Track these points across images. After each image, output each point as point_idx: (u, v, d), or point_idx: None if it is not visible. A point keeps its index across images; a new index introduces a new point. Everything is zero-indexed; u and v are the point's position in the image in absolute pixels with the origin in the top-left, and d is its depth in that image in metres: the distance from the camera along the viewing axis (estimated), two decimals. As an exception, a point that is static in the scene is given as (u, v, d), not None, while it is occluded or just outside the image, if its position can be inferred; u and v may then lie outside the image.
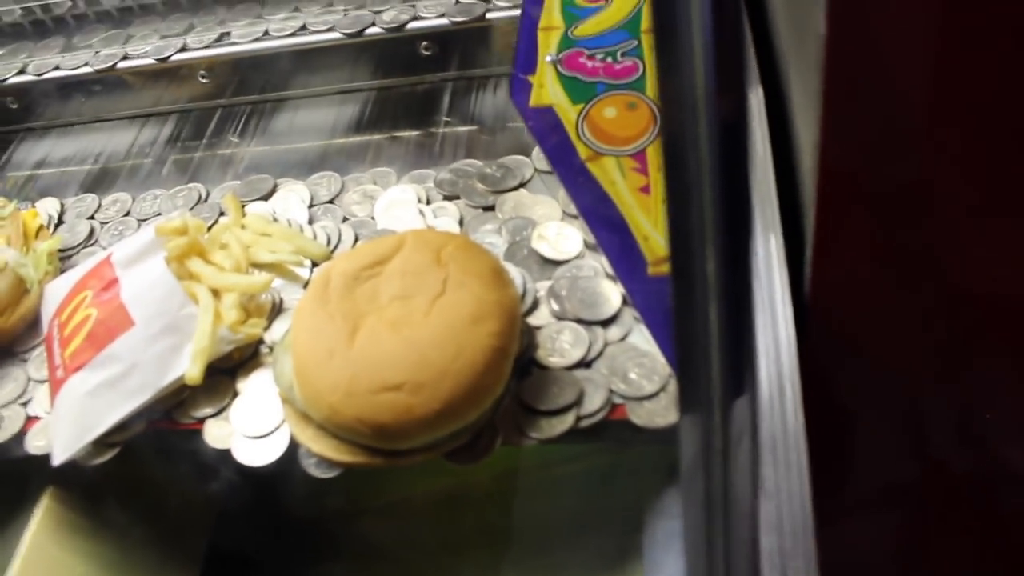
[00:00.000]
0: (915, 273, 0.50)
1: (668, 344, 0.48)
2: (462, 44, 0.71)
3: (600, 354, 0.50)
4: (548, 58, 0.56)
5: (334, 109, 0.73)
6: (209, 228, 0.60)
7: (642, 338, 0.50)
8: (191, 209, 0.66)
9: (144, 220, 0.67)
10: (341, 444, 0.48)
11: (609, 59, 0.55)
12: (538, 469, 0.60)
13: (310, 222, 0.62)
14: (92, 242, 0.67)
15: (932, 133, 0.43)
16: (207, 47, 0.75)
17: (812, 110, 0.43)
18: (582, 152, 0.51)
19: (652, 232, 0.48)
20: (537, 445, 0.49)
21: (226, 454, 0.51)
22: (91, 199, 0.71)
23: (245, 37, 0.74)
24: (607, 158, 0.51)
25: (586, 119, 0.52)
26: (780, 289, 0.48)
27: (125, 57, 0.77)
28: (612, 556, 0.55)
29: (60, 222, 0.70)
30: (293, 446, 0.50)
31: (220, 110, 0.77)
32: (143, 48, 0.77)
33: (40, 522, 0.57)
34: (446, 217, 0.59)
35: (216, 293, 0.54)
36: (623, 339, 0.51)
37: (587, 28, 0.58)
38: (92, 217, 0.69)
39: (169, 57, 0.75)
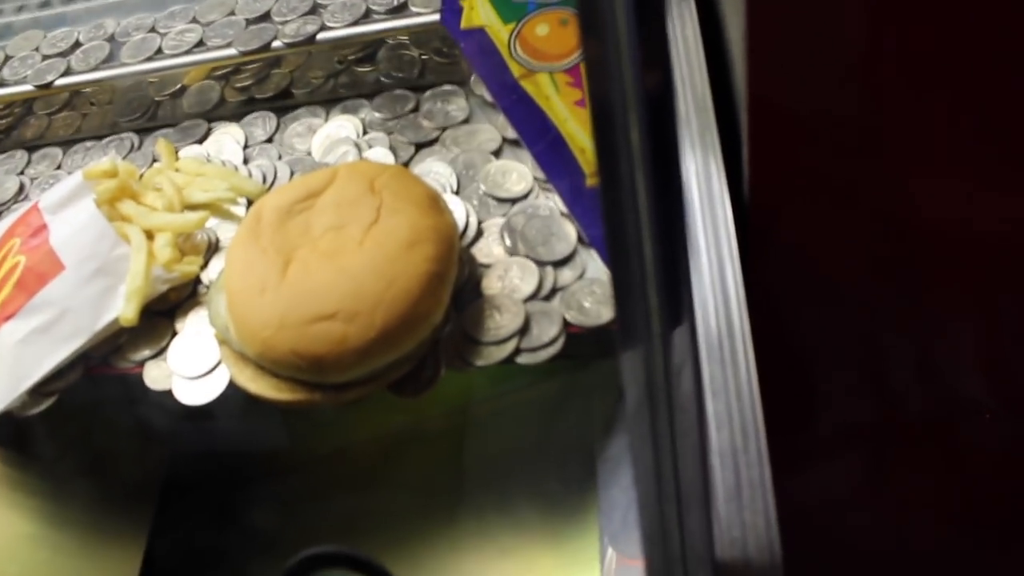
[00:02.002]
0: (851, 194, 0.50)
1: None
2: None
3: (553, 289, 0.49)
4: (478, -20, 0.55)
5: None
6: (141, 176, 0.59)
7: (596, 269, 0.50)
8: (123, 158, 0.64)
9: (76, 173, 0.65)
10: (281, 382, 0.47)
11: (540, -22, 0.54)
12: (491, 400, 0.60)
13: (245, 162, 0.60)
14: (22, 198, 0.65)
15: (859, 44, 0.43)
16: (93, 69, 0.66)
17: (739, 15, 0.42)
18: (515, 70, 0.50)
19: (589, 144, 0.47)
20: (488, 376, 0.48)
21: (167, 395, 0.50)
22: (20, 155, 0.68)
23: (136, 56, 0.65)
24: (540, 75, 0.50)
25: (518, 38, 0.51)
26: (721, 206, 0.47)
27: (1, 84, 0.67)
28: (567, 477, 0.55)
29: (-12, 181, 0.68)
30: (234, 383, 0.49)
31: (115, 141, 0.67)
32: (22, 72, 0.67)
33: (-19, 481, 0.56)
34: (382, 148, 0.58)
35: (150, 234, 0.53)
36: (580, 277, 0.50)
37: (519, -49, 0.57)
38: (22, 173, 0.67)
39: (52, 83, 0.66)
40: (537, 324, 0.48)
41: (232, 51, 0.63)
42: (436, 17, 0.57)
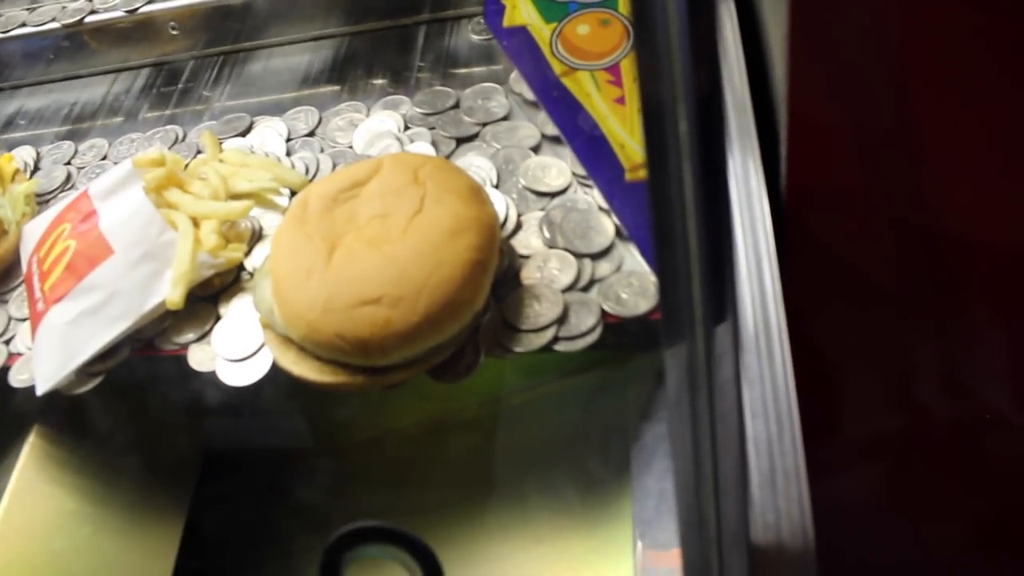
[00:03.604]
0: (886, 199, 0.50)
1: (651, 252, 0.48)
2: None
3: (591, 281, 0.50)
4: (521, -20, 0.56)
5: (307, 56, 0.72)
6: (186, 167, 0.60)
7: (633, 262, 0.50)
8: (168, 149, 0.66)
9: (121, 163, 0.67)
10: (323, 365, 0.48)
11: (582, -21, 0.55)
12: (527, 390, 0.60)
13: (288, 155, 0.62)
14: (69, 187, 0.67)
15: (899, 50, 0.43)
16: None
17: (781, 21, 0.43)
18: (556, 68, 0.52)
19: (628, 140, 0.48)
20: (524, 366, 0.49)
21: (211, 377, 0.51)
22: (67, 146, 0.70)
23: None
24: (581, 72, 0.51)
25: (559, 37, 0.52)
26: (759, 205, 0.48)
27: (92, 12, 0.75)
28: (601, 465, 0.56)
29: (36, 169, 0.69)
30: (277, 366, 0.50)
31: (192, 62, 0.76)
32: (111, 1, 0.75)
33: (27, 459, 0.57)
34: (424, 142, 0.59)
35: (195, 221, 0.54)
36: (618, 269, 0.50)
37: (560, -48, 0.58)
38: (69, 163, 0.69)
39: (138, 9, 0.74)
40: (575, 313, 0.49)
41: None
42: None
